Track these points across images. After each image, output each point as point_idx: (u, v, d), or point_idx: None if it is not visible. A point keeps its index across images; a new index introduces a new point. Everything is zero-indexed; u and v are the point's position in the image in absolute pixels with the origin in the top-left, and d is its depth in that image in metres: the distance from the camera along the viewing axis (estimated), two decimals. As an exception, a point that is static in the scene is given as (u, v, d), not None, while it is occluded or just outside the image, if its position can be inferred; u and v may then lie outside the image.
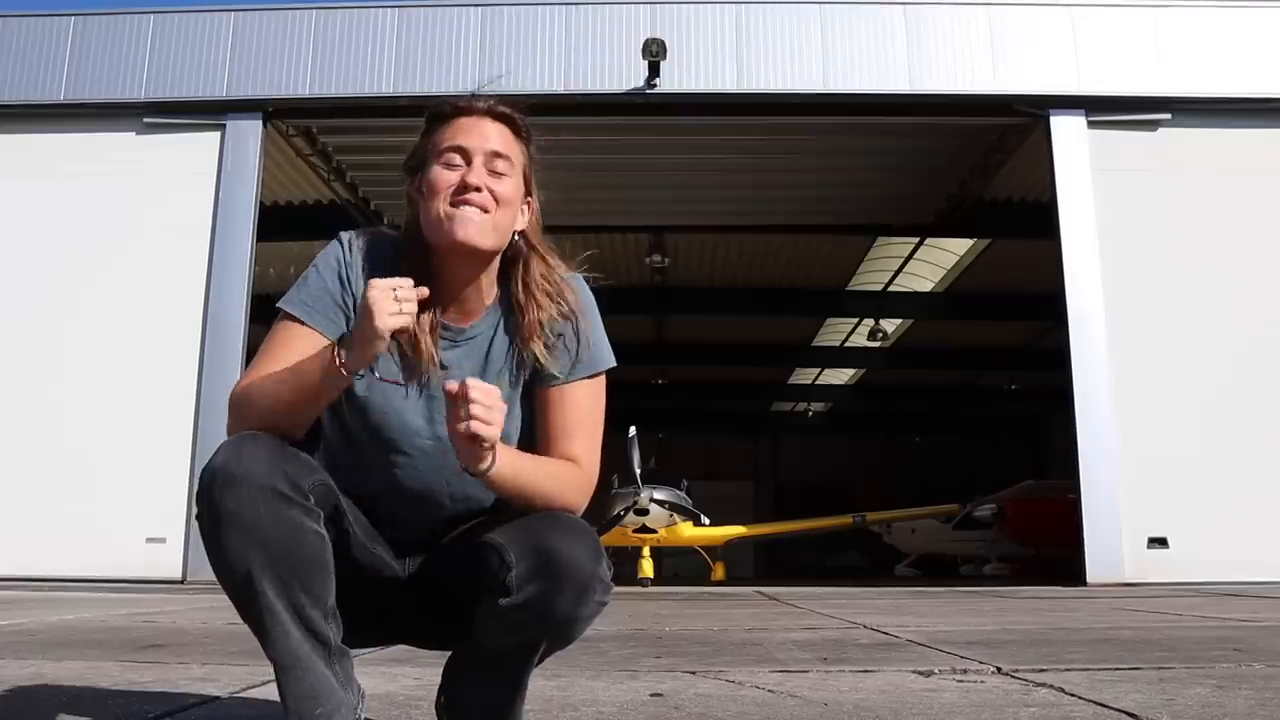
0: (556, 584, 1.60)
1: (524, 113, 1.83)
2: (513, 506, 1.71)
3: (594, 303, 1.89)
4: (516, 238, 1.81)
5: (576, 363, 1.82)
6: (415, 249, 1.79)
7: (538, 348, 1.80)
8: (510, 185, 1.77)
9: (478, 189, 1.73)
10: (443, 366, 1.77)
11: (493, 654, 1.71)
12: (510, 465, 1.64)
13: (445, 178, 1.74)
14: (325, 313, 1.75)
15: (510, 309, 1.83)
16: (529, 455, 1.75)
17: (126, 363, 10.94)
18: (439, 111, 1.81)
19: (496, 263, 1.81)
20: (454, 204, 1.73)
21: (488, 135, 1.77)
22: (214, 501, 1.54)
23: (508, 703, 1.77)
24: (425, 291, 1.63)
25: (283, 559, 1.55)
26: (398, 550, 1.84)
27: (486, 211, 1.74)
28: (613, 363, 1.89)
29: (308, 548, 1.57)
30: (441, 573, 1.81)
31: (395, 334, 1.60)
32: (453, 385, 1.54)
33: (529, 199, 1.84)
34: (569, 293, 1.84)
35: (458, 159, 1.75)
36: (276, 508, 1.54)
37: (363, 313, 1.58)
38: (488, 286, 1.82)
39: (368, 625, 1.83)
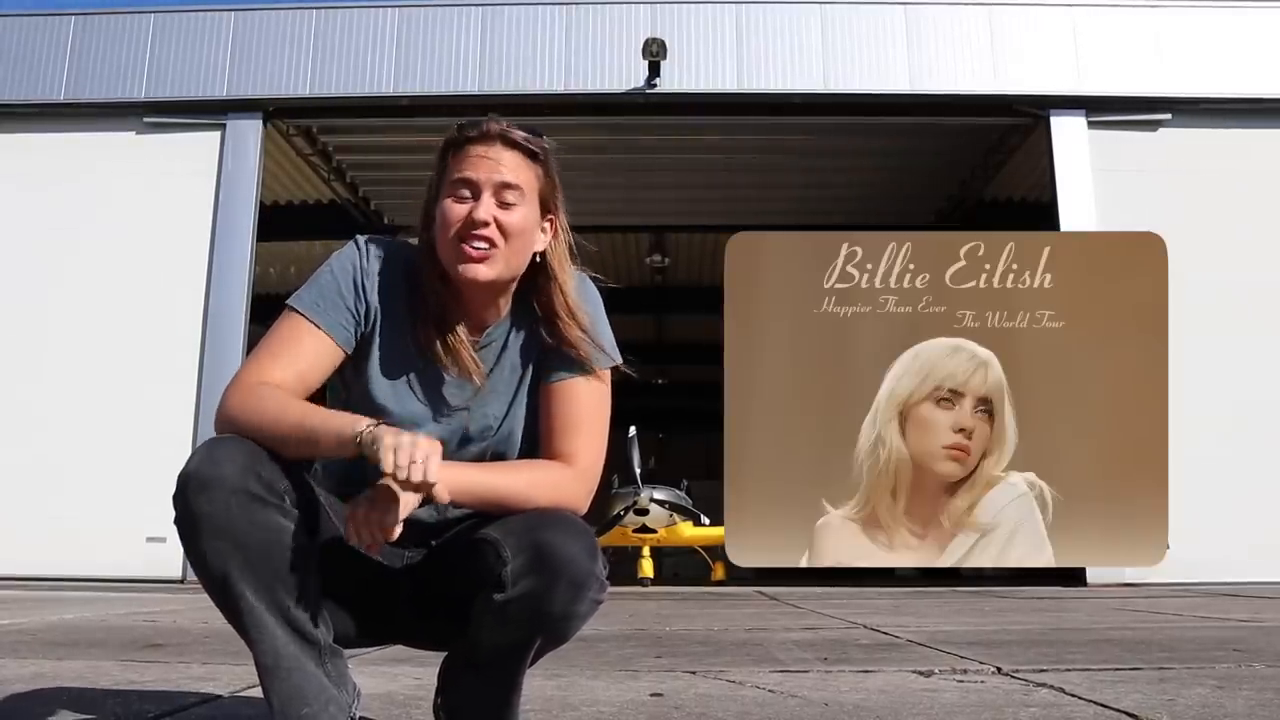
0: (551, 579, 1.60)
1: (538, 134, 1.82)
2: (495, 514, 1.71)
3: (599, 300, 1.91)
4: (537, 258, 1.83)
5: (578, 359, 1.83)
6: (434, 268, 1.80)
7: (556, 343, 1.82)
8: (520, 215, 1.77)
9: (484, 223, 1.74)
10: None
11: (488, 652, 1.71)
12: (455, 483, 1.61)
13: (454, 212, 1.75)
14: (336, 316, 1.76)
15: (525, 313, 1.86)
16: (481, 465, 1.76)
17: (127, 362, 10.91)
18: (451, 140, 1.81)
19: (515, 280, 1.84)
20: (461, 240, 1.74)
21: (497, 166, 1.77)
22: (188, 506, 1.54)
23: (503, 702, 1.77)
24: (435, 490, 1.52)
25: (262, 561, 1.55)
26: (396, 543, 1.84)
27: (494, 246, 1.75)
28: (616, 360, 1.89)
29: (286, 548, 1.57)
30: (439, 569, 1.82)
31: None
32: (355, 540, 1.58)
33: (550, 217, 1.84)
34: (582, 307, 1.84)
35: (466, 192, 1.76)
36: (251, 509, 1.54)
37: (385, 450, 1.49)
38: (504, 299, 1.85)
39: (365, 623, 1.84)
